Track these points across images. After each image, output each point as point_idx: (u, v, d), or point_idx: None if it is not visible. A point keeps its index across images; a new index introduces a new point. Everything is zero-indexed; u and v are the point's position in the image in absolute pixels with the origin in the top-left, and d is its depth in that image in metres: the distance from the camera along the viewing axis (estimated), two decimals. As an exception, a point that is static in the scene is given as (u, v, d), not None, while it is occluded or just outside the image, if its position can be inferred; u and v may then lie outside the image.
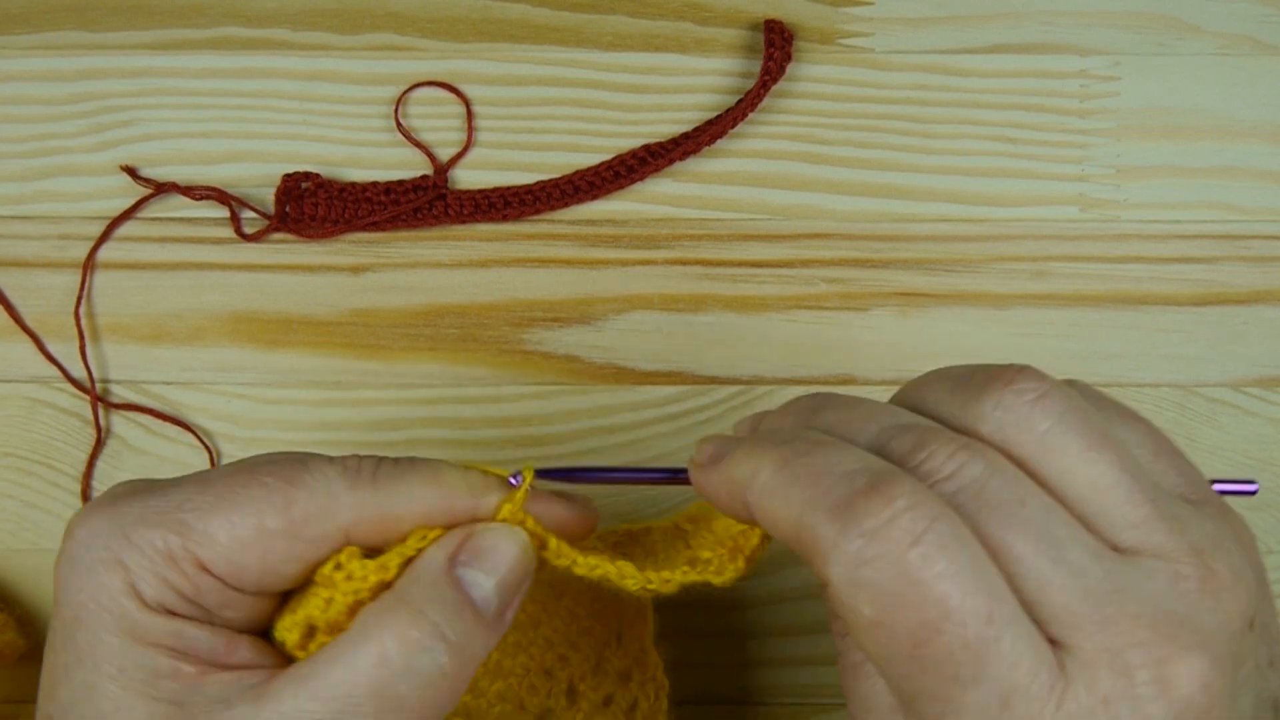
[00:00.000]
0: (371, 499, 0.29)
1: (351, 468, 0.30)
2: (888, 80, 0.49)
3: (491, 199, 0.48)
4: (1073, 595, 0.25)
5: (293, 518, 0.29)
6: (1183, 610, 0.25)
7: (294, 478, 0.29)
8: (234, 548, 0.28)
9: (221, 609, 0.29)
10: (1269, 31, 0.49)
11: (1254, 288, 0.48)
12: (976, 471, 0.26)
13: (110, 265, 0.48)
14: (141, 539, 0.28)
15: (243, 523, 0.28)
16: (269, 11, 0.49)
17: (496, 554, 0.29)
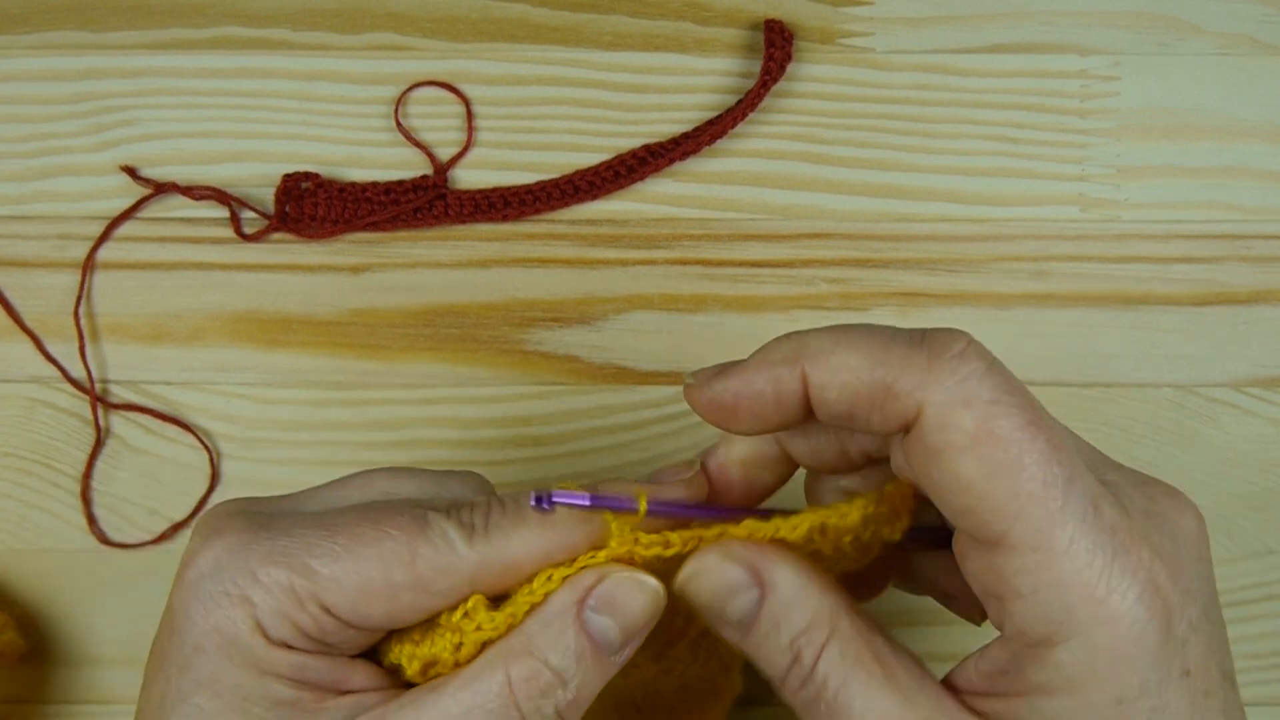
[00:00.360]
0: (491, 552, 0.30)
1: (466, 523, 0.30)
2: (888, 80, 0.49)
3: (491, 199, 0.48)
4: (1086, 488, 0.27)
5: (419, 572, 0.29)
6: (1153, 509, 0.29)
7: (418, 531, 0.30)
8: (361, 597, 0.29)
9: (343, 645, 0.30)
10: (1269, 31, 0.49)
11: (1254, 288, 0.48)
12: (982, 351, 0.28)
13: (110, 265, 0.48)
14: (269, 578, 0.29)
15: (371, 575, 0.29)
16: (269, 11, 0.49)
17: (627, 603, 0.30)
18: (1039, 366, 0.47)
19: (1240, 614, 0.47)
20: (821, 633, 0.29)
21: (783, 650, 0.29)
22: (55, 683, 0.46)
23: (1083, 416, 0.47)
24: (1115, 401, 0.47)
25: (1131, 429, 0.47)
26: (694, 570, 0.30)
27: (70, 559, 0.46)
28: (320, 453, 0.47)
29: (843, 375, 0.28)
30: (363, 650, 0.31)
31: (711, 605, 0.30)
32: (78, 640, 0.46)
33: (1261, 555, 0.47)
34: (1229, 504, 0.47)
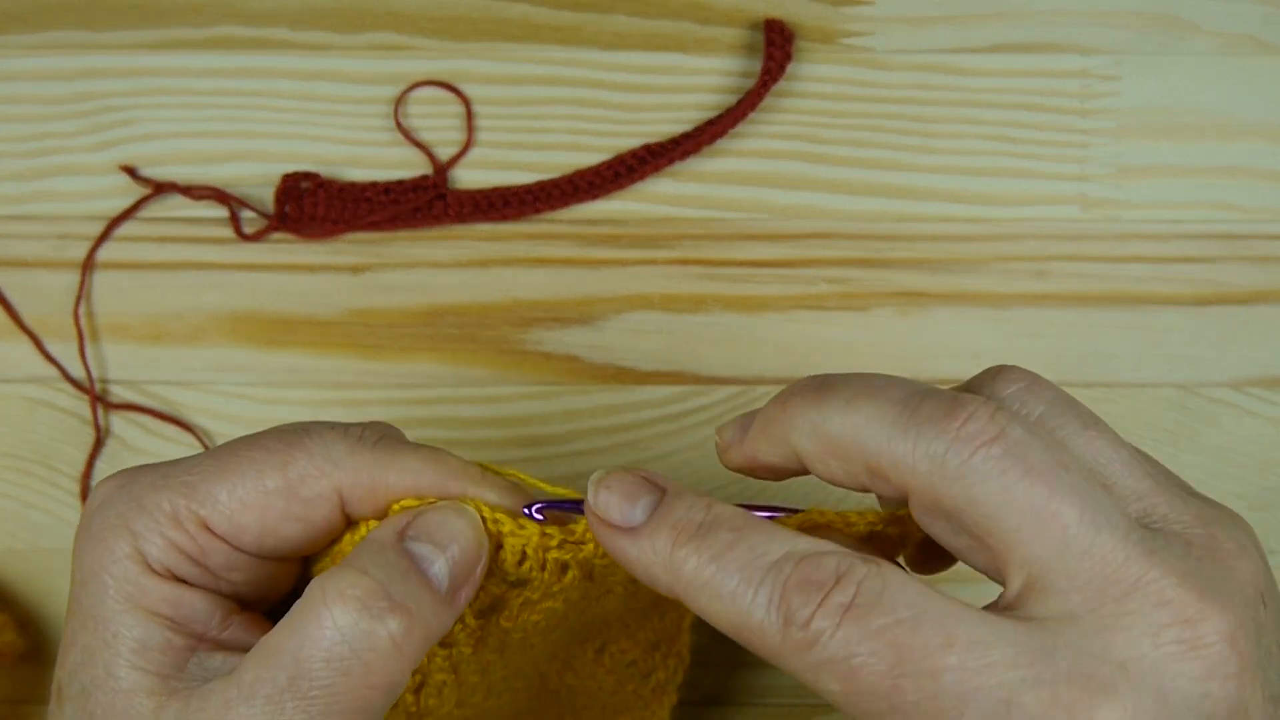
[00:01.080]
0: (367, 465, 0.30)
1: (354, 434, 0.31)
2: (888, 80, 0.49)
3: (491, 199, 0.48)
4: (1116, 559, 0.25)
5: (289, 477, 0.29)
6: (1200, 573, 0.26)
7: (294, 441, 0.30)
8: (234, 507, 0.29)
9: (227, 571, 0.30)
10: (1269, 31, 0.49)
11: (1255, 288, 0.48)
12: (1019, 433, 0.26)
13: (110, 265, 0.48)
14: (150, 502, 0.29)
15: (243, 483, 0.29)
16: (269, 11, 0.49)
17: (446, 530, 0.29)
18: (1039, 366, 0.47)
19: (1241, 614, 0.46)
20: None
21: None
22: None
23: (1083, 416, 0.47)
24: (1115, 401, 0.47)
25: (1131, 429, 0.47)
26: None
27: (70, 559, 0.46)
28: (321, 450, 0.47)
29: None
30: (257, 593, 0.31)
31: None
32: (77, 640, 0.46)
33: (1262, 555, 0.47)
34: (1229, 504, 0.47)
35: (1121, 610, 0.25)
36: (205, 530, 0.29)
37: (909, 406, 0.27)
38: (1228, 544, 0.27)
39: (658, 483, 0.29)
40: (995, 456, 0.26)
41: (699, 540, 0.27)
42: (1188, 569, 0.25)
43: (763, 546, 0.26)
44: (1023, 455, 0.26)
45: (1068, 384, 0.47)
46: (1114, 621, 0.25)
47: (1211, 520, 0.27)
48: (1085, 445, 0.27)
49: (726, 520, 0.27)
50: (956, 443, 0.26)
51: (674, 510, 0.28)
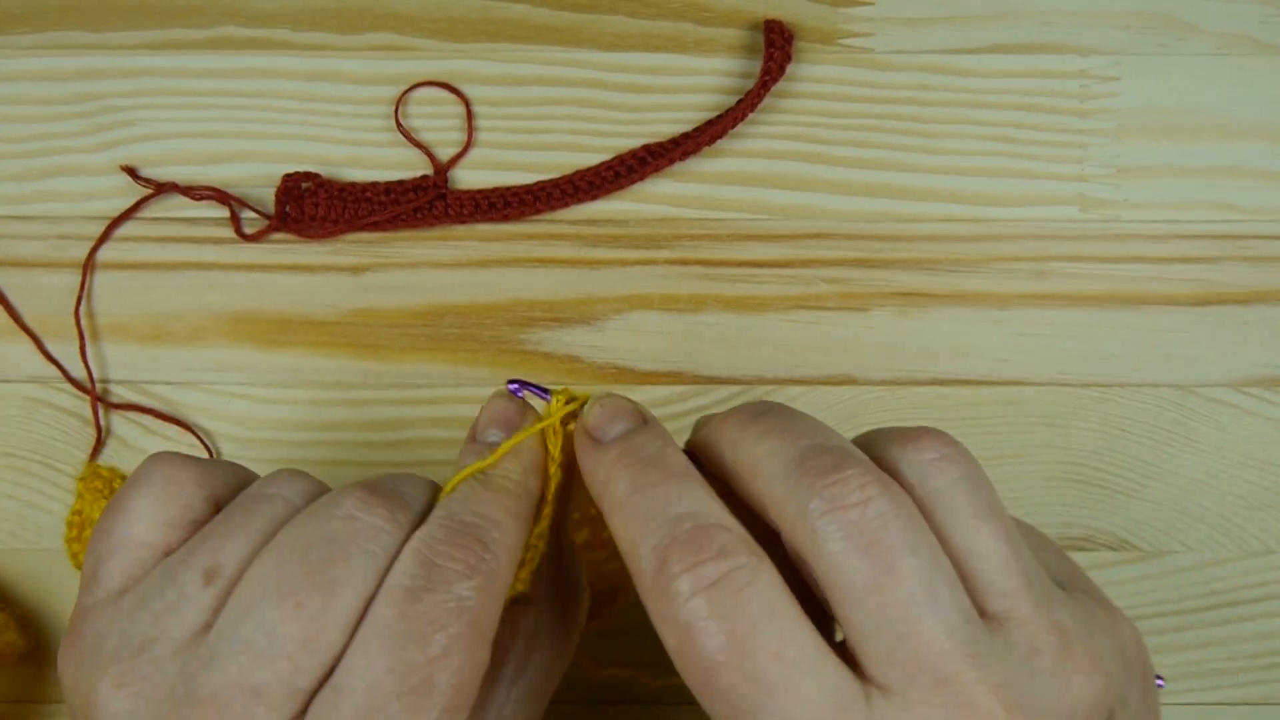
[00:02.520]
0: None
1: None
2: (888, 80, 0.49)
3: (491, 199, 0.48)
4: (931, 650, 0.26)
5: None
6: (1030, 686, 0.26)
7: None
8: None
9: None
10: (1269, 31, 0.49)
11: (1254, 288, 0.48)
12: (881, 508, 0.27)
13: (110, 265, 0.48)
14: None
15: None
16: (269, 11, 0.49)
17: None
18: (1039, 366, 0.47)
19: (1240, 614, 0.47)
20: None
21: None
22: (55, 683, 0.46)
23: (1083, 416, 0.47)
24: (1115, 401, 0.47)
25: (1131, 429, 0.47)
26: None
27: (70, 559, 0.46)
28: (320, 453, 0.47)
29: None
30: None
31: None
32: (78, 640, 0.46)
33: (1261, 555, 0.47)
34: (1229, 504, 0.47)
35: (928, 699, 0.26)
36: None
37: (805, 456, 0.28)
38: (1080, 659, 0.27)
39: (645, 416, 0.31)
40: (849, 521, 0.27)
41: (635, 469, 0.29)
42: (1008, 680, 0.26)
43: (677, 497, 0.28)
44: (875, 530, 0.26)
45: (1068, 384, 0.48)
46: (920, 709, 0.26)
47: (1078, 630, 0.27)
48: (966, 534, 0.28)
49: (666, 464, 0.29)
50: (821, 500, 0.27)
51: (636, 438, 0.30)
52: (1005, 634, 0.27)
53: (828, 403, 0.47)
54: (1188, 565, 0.47)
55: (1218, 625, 0.46)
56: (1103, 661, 0.27)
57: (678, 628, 0.27)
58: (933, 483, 0.28)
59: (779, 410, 0.30)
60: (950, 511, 0.28)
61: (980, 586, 0.27)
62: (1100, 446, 0.47)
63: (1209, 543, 0.47)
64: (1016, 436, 0.47)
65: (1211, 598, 0.47)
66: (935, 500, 0.28)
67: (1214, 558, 0.47)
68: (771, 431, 0.29)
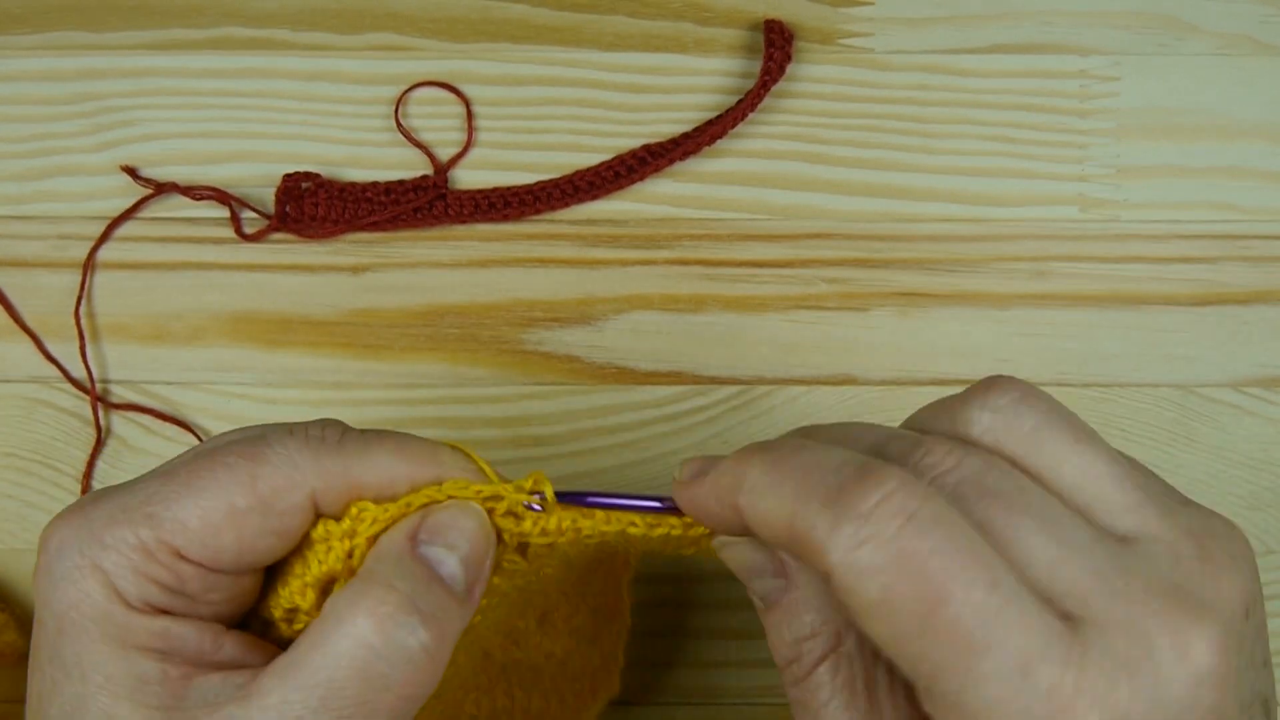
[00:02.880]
0: (336, 466, 0.29)
1: (314, 435, 0.30)
2: (888, 80, 0.49)
3: (491, 199, 0.48)
4: (1082, 572, 0.25)
5: (260, 492, 0.29)
6: (1189, 586, 0.26)
7: (256, 454, 0.29)
8: (207, 531, 0.28)
9: (205, 594, 0.29)
10: (1269, 31, 0.49)
11: (1254, 288, 0.48)
12: (975, 465, 0.26)
13: (110, 265, 0.48)
14: (114, 538, 0.28)
15: (212, 505, 0.28)
16: (269, 11, 0.49)
17: (456, 529, 0.29)
18: (1039, 366, 0.47)
19: (1240, 614, 0.47)
20: (825, 643, 0.28)
21: (788, 644, 0.29)
22: (55, 682, 0.46)
23: (1083, 416, 0.47)
24: (1115, 401, 0.47)
25: (1131, 429, 0.47)
26: (727, 541, 0.30)
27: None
28: (319, 452, 0.47)
29: (766, 525, 0.28)
30: (238, 610, 0.30)
31: (742, 575, 0.30)
32: (78, 640, 0.46)
33: (1261, 555, 0.47)
34: (1229, 504, 0.47)
35: (1111, 618, 0.25)
36: (179, 558, 0.28)
37: (878, 449, 0.27)
38: (1219, 557, 0.27)
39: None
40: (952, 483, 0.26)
41: (761, 452, 0.28)
42: (1174, 581, 0.26)
43: (822, 455, 0.27)
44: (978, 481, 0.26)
45: (1068, 384, 0.48)
46: (1110, 626, 0.25)
47: (1204, 533, 0.27)
48: (1075, 458, 0.27)
49: (787, 441, 0.28)
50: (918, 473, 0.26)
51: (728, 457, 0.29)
52: (1144, 549, 0.26)
53: (828, 403, 0.47)
54: (1188, 565, 0.47)
55: (1218, 625, 0.46)
56: (1237, 560, 0.27)
57: (884, 565, 0.25)
58: (1026, 422, 0.28)
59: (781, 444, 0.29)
60: (1055, 444, 0.27)
61: (1105, 508, 0.27)
62: (1100, 446, 0.47)
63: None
64: (1016, 436, 0.47)
65: (1211, 598, 0.47)
66: (1035, 438, 0.27)
67: (1214, 558, 0.47)
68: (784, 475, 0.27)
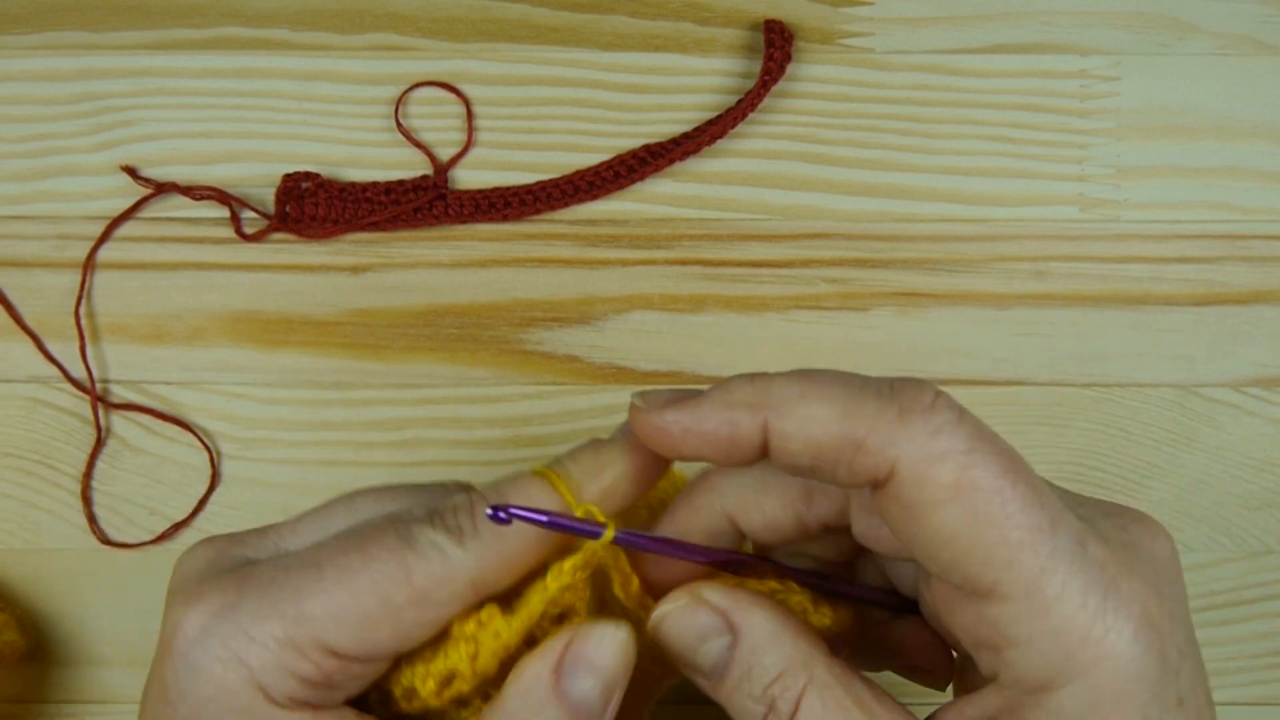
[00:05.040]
0: (486, 551, 0.29)
1: (453, 527, 0.29)
2: (888, 80, 0.49)
3: (491, 199, 0.48)
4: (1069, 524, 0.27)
5: (417, 587, 0.28)
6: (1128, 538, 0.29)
7: (405, 547, 0.28)
8: (363, 628, 0.28)
9: (349, 681, 0.29)
10: (1269, 31, 0.49)
11: (1254, 288, 0.48)
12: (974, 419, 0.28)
13: (110, 265, 0.48)
14: (262, 634, 0.28)
15: (367, 602, 0.28)
16: (269, 11, 0.49)
17: (600, 658, 0.29)
18: (1039, 366, 0.47)
19: (1240, 614, 0.47)
20: (798, 680, 0.28)
21: (756, 699, 0.28)
22: (55, 682, 0.46)
23: (1083, 416, 0.47)
24: (1115, 401, 0.47)
25: (1131, 429, 0.47)
26: (663, 614, 0.29)
27: (70, 559, 0.46)
28: (320, 453, 0.47)
29: (809, 428, 0.27)
30: (365, 687, 0.30)
31: (683, 651, 0.29)
32: (78, 640, 0.46)
33: (1261, 555, 0.47)
34: (1229, 504, 0.47)
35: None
36: (331, 655, 0.28)
37: (885, 387, 0.27)
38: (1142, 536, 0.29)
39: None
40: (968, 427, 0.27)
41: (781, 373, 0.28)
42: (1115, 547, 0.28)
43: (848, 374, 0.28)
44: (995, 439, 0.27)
45: (1067, 384, 0.48)
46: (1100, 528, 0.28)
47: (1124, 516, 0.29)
48: None
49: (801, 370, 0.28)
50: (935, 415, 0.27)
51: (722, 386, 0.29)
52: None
53: (828, 403, 0.47)
54: (1188, 565, 0.47)
55: (1218, 625, 0.46)
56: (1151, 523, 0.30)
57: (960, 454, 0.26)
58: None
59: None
60: None
61: None
62: (1100, 446, 0.47)
63: (1209, 543, 0.47)
64: (1016, 436, 0.47)
65: (1211, 598, 0.47)
66: None
67: (1214, 558, 0.47)
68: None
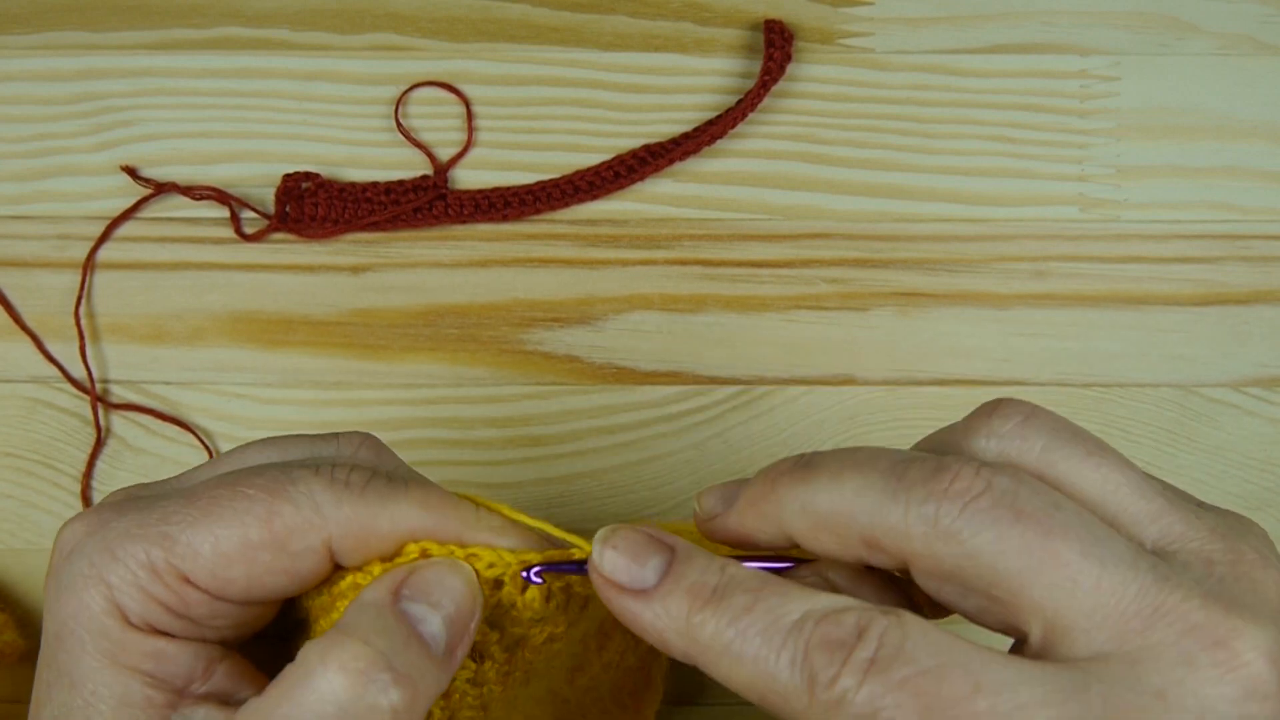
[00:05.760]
0: (357, 514, 0.29)
1: (340, 480, 0.29)
2: (888, 80, 0.49)
3: (491, 199, 0.48)
4: (1129, 591, 0.25)
5: (276, 531, 0.28)
6: (1225, 591, 0.25)
7: (278, 490, 0.28)
8: (218, 561, 0.28)
9: (210, 619, 0.29)
10: (1269, 31, 0.49)
11: (1254, 288, 0.48)
12: (1005, 484, 0.26)
13: (110, 265, 0.48)
14: (125, 552, 0.28)
15: (226, 535, 0.28)
16: (269, 11, 0.49)
17: (442, 588, 0.28)
18: (1039, 366, 0.47)
19: (1240, 614, 0.47)
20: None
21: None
22: (55, 683, 0.46)
23: (1083, 417, 0.47)
24: (1115, 401, 0.47)
25: (1131, 429, 0.47)
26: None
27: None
28: (320, 453, 0.47)
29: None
30: (242, 632, 0.30)
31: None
32: (78, 640, 0.46)
33: (1261, 555, 0.47)
34: (1229, 504, 0.47)
35: (1148, 641, 0.24)
36: (186, 583, 0.28)
37: (895, 474, 0.26)
38: (1250, 555, 0.26)
39: (665, 540, 0.28)
40: (984, 508, 0.25)
41: (715, 604, 0.26)
42: (1211, 589, 0.25)
43: (782, 607, 0.26)
44: (1011, 502, 0.25)
45: (1068, 384, 0.48)
46: (1144, 653, 0.24)
47: (1230, 533, 0.27)
48: (1090, 473, 0.27)
49: (742, 582, 0.27)
50: (945, 502, 0.25)
51: (687, 573, 0.27)
52: (1175, 557, 0.26)
53: (828, 403, 0.47)
54: (1188, 565, 0.47)
55: (1218, 625, 0.46)
56: (1267, 556, 0.27)
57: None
58: (1035, 443, 0.27)
59: (822, 455, 0.28)
60: (1067, 461, 0.27)
61: (1128, 519, 0.27)
62: (1100, 446, 0.47)
63: None
64: (1016, 436, 0.47)
65: (1211, 598, 0.47)
66: (1046, 458, 0.27)
67: (1214, 558, 0.47)
68: (844, 470, 0.27)
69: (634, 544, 0.28)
